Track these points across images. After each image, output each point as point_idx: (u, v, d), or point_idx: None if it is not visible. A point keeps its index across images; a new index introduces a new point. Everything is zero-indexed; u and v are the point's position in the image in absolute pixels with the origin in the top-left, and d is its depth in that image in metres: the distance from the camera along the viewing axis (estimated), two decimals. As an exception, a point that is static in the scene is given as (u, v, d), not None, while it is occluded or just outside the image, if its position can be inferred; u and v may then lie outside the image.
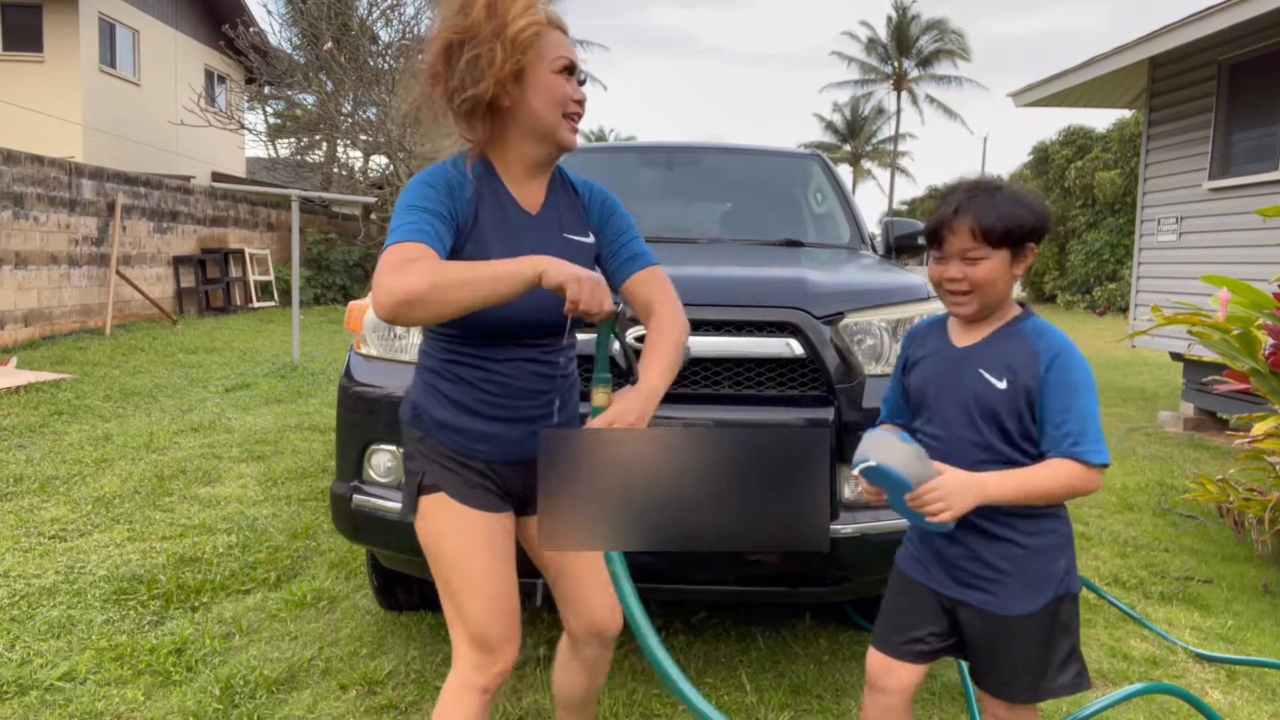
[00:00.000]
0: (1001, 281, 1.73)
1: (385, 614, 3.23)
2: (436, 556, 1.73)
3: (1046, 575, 1.72)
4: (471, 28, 1.59)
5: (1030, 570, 1.71)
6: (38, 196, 10.42)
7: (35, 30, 17.43)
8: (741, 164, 4.45)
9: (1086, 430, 1.64)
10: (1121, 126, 24.86)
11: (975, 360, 1.75)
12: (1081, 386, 1.66)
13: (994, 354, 1.74)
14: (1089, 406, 1.66)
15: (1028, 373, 1.68)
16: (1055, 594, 1.72)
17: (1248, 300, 4.27)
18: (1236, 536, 4.33)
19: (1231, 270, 6.72)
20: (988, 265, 1.71)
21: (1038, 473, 1.66)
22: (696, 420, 2.50)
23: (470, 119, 1.65)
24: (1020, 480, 1.66)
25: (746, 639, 3.08)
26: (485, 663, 1.74)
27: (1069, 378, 1.66)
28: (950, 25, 46.87)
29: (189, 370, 8.92)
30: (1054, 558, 1.73)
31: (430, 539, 1.73)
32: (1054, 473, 1.65)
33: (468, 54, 1.59)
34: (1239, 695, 2.82)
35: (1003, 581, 1.72)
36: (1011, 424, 1.70)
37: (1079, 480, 1.65)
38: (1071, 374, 1.67)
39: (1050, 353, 1.68)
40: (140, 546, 3.85)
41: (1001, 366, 1.71)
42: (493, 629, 1.73)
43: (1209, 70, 7.70)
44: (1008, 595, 1.72)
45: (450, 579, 1.73)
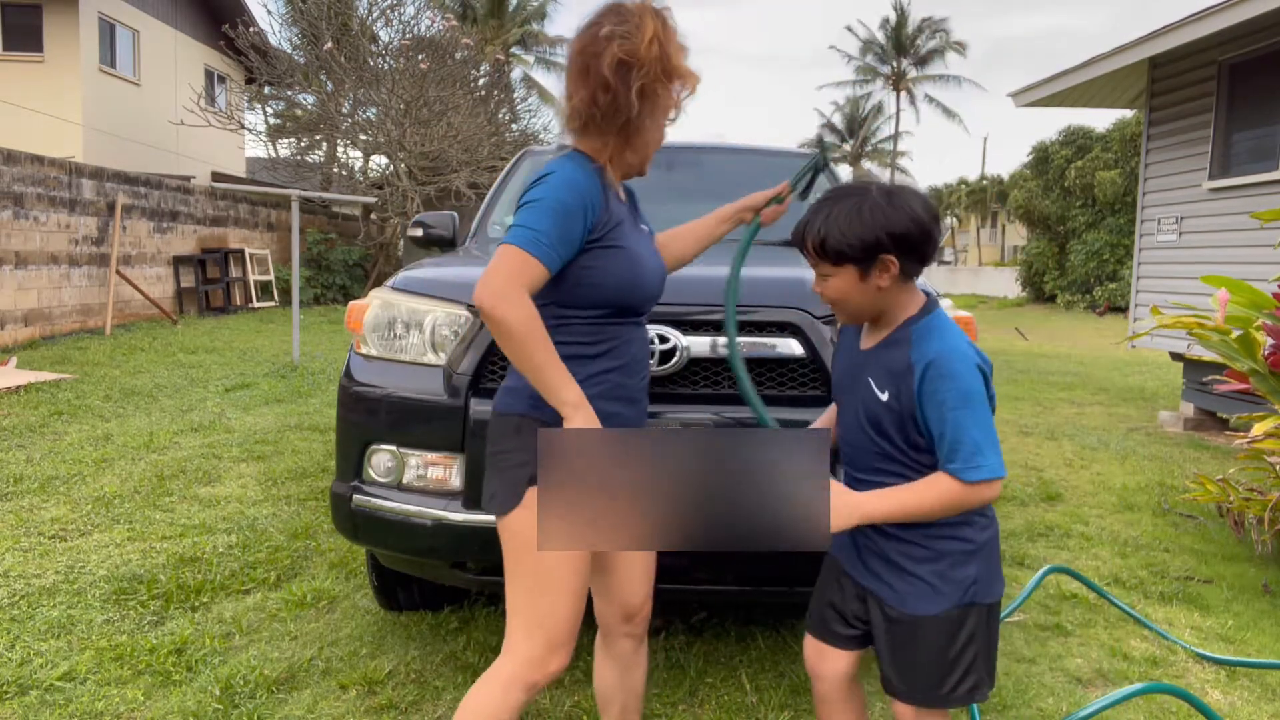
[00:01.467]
0: (856, 296, 1.68)
1: (385, 614, 3.23)
2: (541, 556, 1.73)
3: (950, 580, 1.67)
4: (640, 54, 1.69)
5: (931, 572, 1.68)
6: (38, 196, 10.42)
7: (35, 30, 17.43)
8: (742, 164, 4.45)
9: (959, 446, 1.57)
10: (1121, 126, 24.86)
11: (868, 367, 1.72)
12: (954, 400, 1.58)
13: (881, 362, 1.70)
14: (962, 420, 1.58)
15: (905, 386, 1.63)
16: (959, 601, 1.67)
17: (1247, 300, 4.26)
18: (1236, 536, 4.33)
19: (1231, 270, 6.72)
20: (834, 283, 1.69)
21: (916, 491, 1.62)
22: (696, 420, 2.50)
23: (613, 134, 1.76)
24: (898, 500, 1.63)
25: (746, 639, 3.08)
26: (546, 661, 1.76)
27: (938, 392, 1.59)
28: (940, 21, 46.87)
29: (189, 370, 8.92)
30: (960, 564, 1.67)
31: (533, 530, 1.70)
32: (934, 489, 1.61)
33: (638, 79, 1.69)
34: (1239, 695, 2.82)
35: (903, 579, 1.70)
36: (896, 435, 1.66)
37: (958, 497, 1.59)
38: (941, 387, 1.59)
39: (922, 364, 1.61)
40: (140, 546, 3.85)
41: (886, 376, 1.67)
42: (567, 629, 1.77)
43: (1209, 70, 7.70)
44: (908, 593, 1.70)
45: (548, 574, 1.74)
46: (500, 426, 1.80)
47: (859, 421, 1.72)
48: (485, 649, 2.93)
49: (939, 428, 1.60)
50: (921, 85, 48.13)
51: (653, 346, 2.52)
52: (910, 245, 1.64)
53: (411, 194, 16.71)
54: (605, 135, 1.77)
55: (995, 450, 1.59)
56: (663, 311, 2.56)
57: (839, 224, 1.63)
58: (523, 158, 4.57)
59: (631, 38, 1.69)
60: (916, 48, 47.31)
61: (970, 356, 1.64)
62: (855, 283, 1.67)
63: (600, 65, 1.69)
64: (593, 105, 1.71)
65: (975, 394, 1.60)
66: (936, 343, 1.64)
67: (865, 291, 1.68)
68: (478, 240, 3.98)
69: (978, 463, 1.58)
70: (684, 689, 2.71)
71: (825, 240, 1.65)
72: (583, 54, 1.72)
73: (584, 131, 1.77)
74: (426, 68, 16.50)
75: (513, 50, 29.15)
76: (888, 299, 1.69)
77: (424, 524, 2.51)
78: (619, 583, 2.00)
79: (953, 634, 1.68)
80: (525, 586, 1.76)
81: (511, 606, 1.78)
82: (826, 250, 1.66)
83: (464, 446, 2.52)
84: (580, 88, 1.72)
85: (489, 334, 2.56)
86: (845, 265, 1.66)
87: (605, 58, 1.69)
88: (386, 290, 2.79)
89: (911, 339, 1.66)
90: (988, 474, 1.58)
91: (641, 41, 1.69)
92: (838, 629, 1.83)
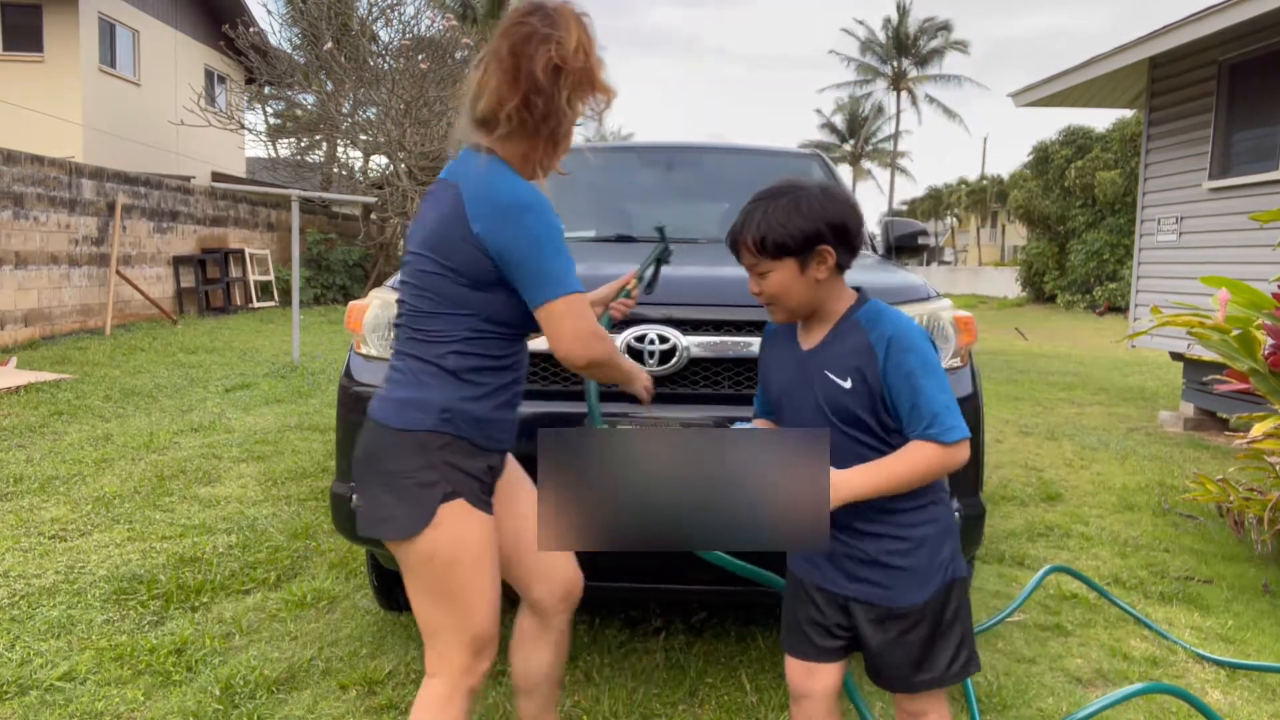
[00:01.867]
0: (796, 289, 1.73)
1: (385, 614, 3.23)
2: (453, 564, 1.70)
3: (933, 565, 1.72)
4: (570, 60, 1.67)
5: (916, 562, 1.71)
6: (38, 196, 10.42)
7: (35, 30, 17.43)
8: (741, 164, 4.45)
9: (937, 411, 1.64)
10: (1121, 126, 24.86)
11: (820, 362, 1.74)
12: (919, 370, 1.65)
13: (835, 352, 1.73)
14: (930, 388, 1.65)
15: (870, 367, 1.68)
16: (943, 580, 1.72)
17: (1247, 300, 4.26)
18: (1236, 536, 4.33)
19: (1231, 270, 6.72)
20: (775, 277, 1.73)
21: (896, 461, 1.66)
22: (696, 420, 2.50)
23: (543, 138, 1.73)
24: (878, 472, 1.66)
25: (746, 639, 3.08)
26: (478, 664, 1.77)
27: (904, 364, 1.66)
28: (941, 21, 46.88)
29: (189, 370, 8.92)
30: (938, 546, 1.73)
31: (449, 547, 1.70)
32: (913, 457, 1.66)
33: (568, 85, 1.68)
34: (1239, 695, 2.82)
35: (890, 574, 1.71)
36: (870, 419, 1.70)
37: (939, 460, 1.65)
38: (906, 360, 1.66)
39: (883, 341, 1.68)
40: (140, 546, 3.86)
41: (844, 365, 1.71)
42: (492, 626, 1.78)
43: (1209, 70, 7.70)
44: (897, 588, 1.71)
45: (465, 586, 1.73)
46: (399, 443, 1.69)
47: (824, 417, 1.73)
48: (485, 649, 2.93)
49: (910, 398, 1.66)
50: (922, 85, 48.16)
51: (653, 346, 2.52)
52: (846, 236, 1.71)
53: (411, 194, 16.70)
54: (535, 139, 1.72)
55: (958, 414, 1.67)
56: (663, 312, 2.56)
57: (778, 218, 1.69)
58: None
59: (563, 43, 1.66)
60: (918, 48, 47.33)
61: (922, 330, 1.73)
62: (795, 275, 1.72)
63: (534, 68, 1.65)
64: (525, 109, 1.67)
65: (935, 362, 1.68)
66: (891, 322, 1.71)
67: (804, 284, 1.72)
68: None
69: (950, 424, 1.65)
70: (684, 689, 2.71)
71: (766, 235, 1.69)
72: (513, 54, 1.66)
73: (512, 135, 1.70)
74: (426, 68, 16.50)
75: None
76: (824, 291, 1.75)
77: (424, 524, 2.50)
78: (550, 560, 1.98)
79: (941, 615, 1.73)
80: (443, 602, 1.73)
81: (430, 625, 1.76)
82: (766, 245, 1.70)
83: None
84: (511, 90, 1.66)
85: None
86: (785, 259, 1.71)
87: (539, 60, 1.65)
88: (386, 290, 2.79)
89: (863, 324, 1.73)
90: (960, 434, 1.65)
91: (569, 48, 1.67)
92: (823, 643, 1.80)
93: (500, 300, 1.69)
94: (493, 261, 1.65)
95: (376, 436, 1.72)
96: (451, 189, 1.69)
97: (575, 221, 4.10)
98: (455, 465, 1.70)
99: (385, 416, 1.71)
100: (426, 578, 1.72)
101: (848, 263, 1.75)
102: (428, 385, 1.69)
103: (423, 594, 1.74)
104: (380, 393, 1.75)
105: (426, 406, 1.68)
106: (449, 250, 1.67)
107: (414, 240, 1.75)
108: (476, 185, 1.67)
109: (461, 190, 1.67)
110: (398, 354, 1.76)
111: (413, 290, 1.73)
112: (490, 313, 1.70)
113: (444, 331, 1.70)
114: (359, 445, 1.76)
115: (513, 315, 1.72)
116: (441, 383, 1.69)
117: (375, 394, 1.78)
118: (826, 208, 1.70)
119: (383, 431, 1.70)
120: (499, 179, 1.68)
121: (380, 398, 1.74)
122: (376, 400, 1.75)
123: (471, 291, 1.68)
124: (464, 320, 1.69)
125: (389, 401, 1.72)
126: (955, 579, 1.74)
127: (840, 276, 1.76)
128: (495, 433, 1.76)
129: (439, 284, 1.69)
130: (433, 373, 1.70)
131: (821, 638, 1.80)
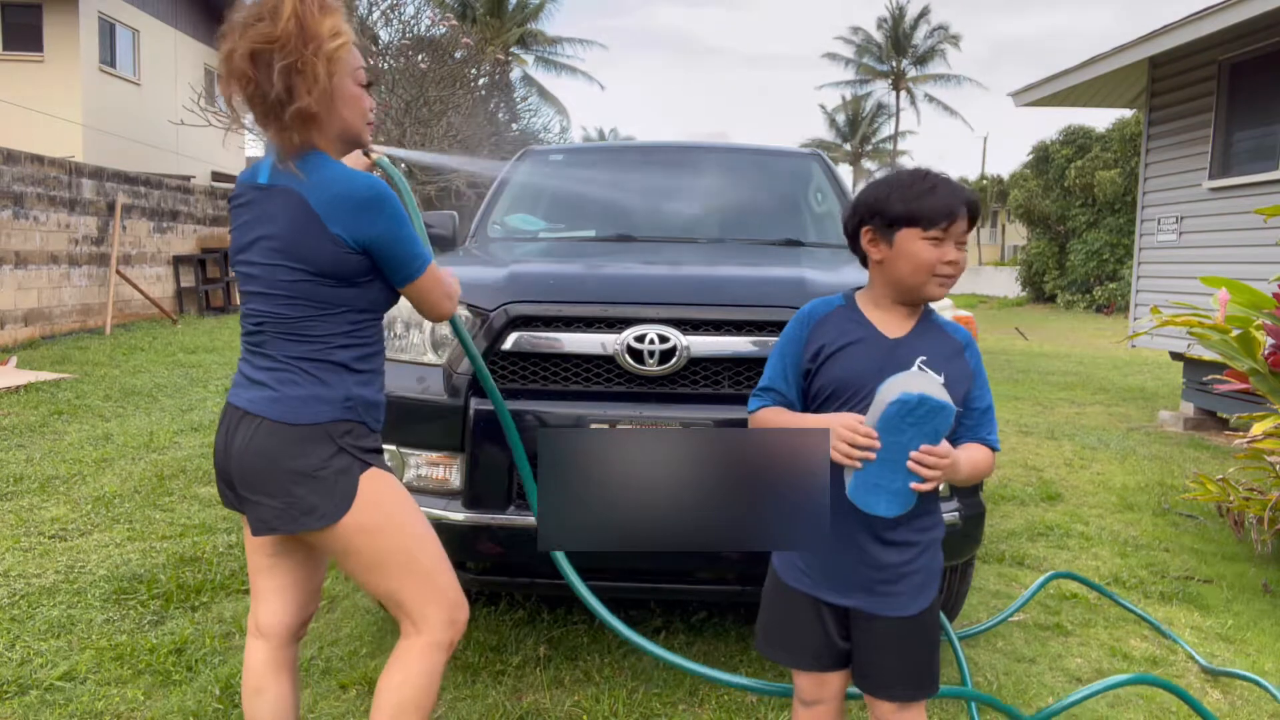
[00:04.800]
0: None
1: (385, 614, 3.22)
2: (387, 523, 1.77)
3: (932, 571, 1.74)
4: (282, 38, 1.63)
5: (922, 568, 1.72)
6: (38, 196, 10.42)
7: (35, 30, 17.42)
8: (741, 163, 4.45)
9: (993, 418, 1.73)
10: (1121, 126, 24.84)
11: (913, 351, 1.70)
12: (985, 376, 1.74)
13: (927, 345, 1.71)
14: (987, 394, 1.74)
15: (959, 366, 1.70)
16: (938, 589, 1.75)
17: (1247, 300, 4.27)
18: (1236, 536, 4.33)
19: (1231, 270, 6.71)
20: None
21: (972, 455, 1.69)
22: (697, 420, 2.50)
23: (295, 128, 1.68)
24: (968, 461, 1.68)
25: (746, 639, 3.08)
26: (457, 613, 1.85)
27: (981, 370, 1.73)
28: (938, 20, 46.93)
29: (189, 370, 8.92)
30: (936, 553, 1.75)
31: (376, 511, 1.75)
32: (976, 456, 1.70)
33: (280, 63, 1.63)
34: (1239, 695, 2.82)
35: (904, 581, 1.70)
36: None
37: (987, 465, 1.71)
38: (980, 365, 1.74)
39: (969, 344, 1.74)
40: (140, 546, 3.86)
41: (937, 358, 1.70)
42: (449, 567, 1.88)
43: (1209, 70, 7.70)
44: (907, 594, 1.70)
45: (421, 547, 1.82)
46: (305, 438, 1.70)
47: None
48: (485, 649, 2.94)
49: (982, 401, 1.71)
50: (922, 85, 48.14)
51: (653, 346, 2.52)
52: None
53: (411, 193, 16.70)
54: (292, 128, 1.68)
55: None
56: (663, 312, 2.56)
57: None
58: (523, 157, 4.57)
59: (272, 21, 1.64)
60: (915, 47, 47.31)
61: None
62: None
63: (228, 61, 1.66)
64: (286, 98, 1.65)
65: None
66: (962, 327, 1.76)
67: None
68: (478, 240, 3.98)
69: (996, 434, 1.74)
70: (684, 689, 2.71)
71: (976, 204, 1.70)
72: (248, 57, 1.65)
73: (275, 131, 1.68)
74: (426, 67, 16.50)
75: (512, 50, 29.14)
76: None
77: (424, 524, 2.51)
78: (312, 568, 1.96)
79: (933, 622, 1.75)
80: (393, 566, 1.78)
81: (393, 596, 1.80)
82: (974, 215, 1.70)
83: (464, 446, 2.52)
84: (237, 89, 1.67)
85: (488, 334, 2.56)
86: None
87: (234, 53, 1.65)
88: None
89: (942, 325, 1.75)
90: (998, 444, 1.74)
91: (280, 23, 1.63)
92: (829, 654, 1.77)
93: (372, 290, 1.77)
94: (359, 257, 1.70)
95: (274, 437, 1.70)
96: (287, 195, 1.68)
97: (576, 221, 4.11)
98: (360, 447, 1.77)
99: (283, 414, 1.70)
100: (366, 550, 1.77)
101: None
102: (324, 381, 1.73)
103: (371, 569, 1.78)
104: (261, 395, 1.72)
105: (329, 399, 1.73)
106: (308, 255, 1.68)
107: (256, 252, 1.72)
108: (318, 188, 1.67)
109: (304, 195, 1.67)
110: (272, 359, 1.73)
111: (278, 300, 1.72)
112: (364, 303, 1.77)
113: (326, 330, 1.73)
114: (244, 452, 1.72)
115: (381, 299, 1.80)
116: (338, 375, 1.74)
117: (247, 398, 1.74)
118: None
119: (282, 429, 1.70)
120: (338, 176, 1.69)
121: (267, 399, 1.71)
122: (261, 402, 1.71)
123: (343, 289, 1.72)
124: (341, 316, 1.74)
125: (284, 400, 1.71)
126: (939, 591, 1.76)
127: None
128: (379, 414, 1.85)
129: (308, 289, 1.70)
130: (326, 368, 1.73)
131: (827, 651, 1.77)
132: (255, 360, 1.76)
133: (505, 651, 2.94)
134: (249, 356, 1.78)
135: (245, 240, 1.74)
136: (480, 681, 2.74)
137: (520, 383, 2.58)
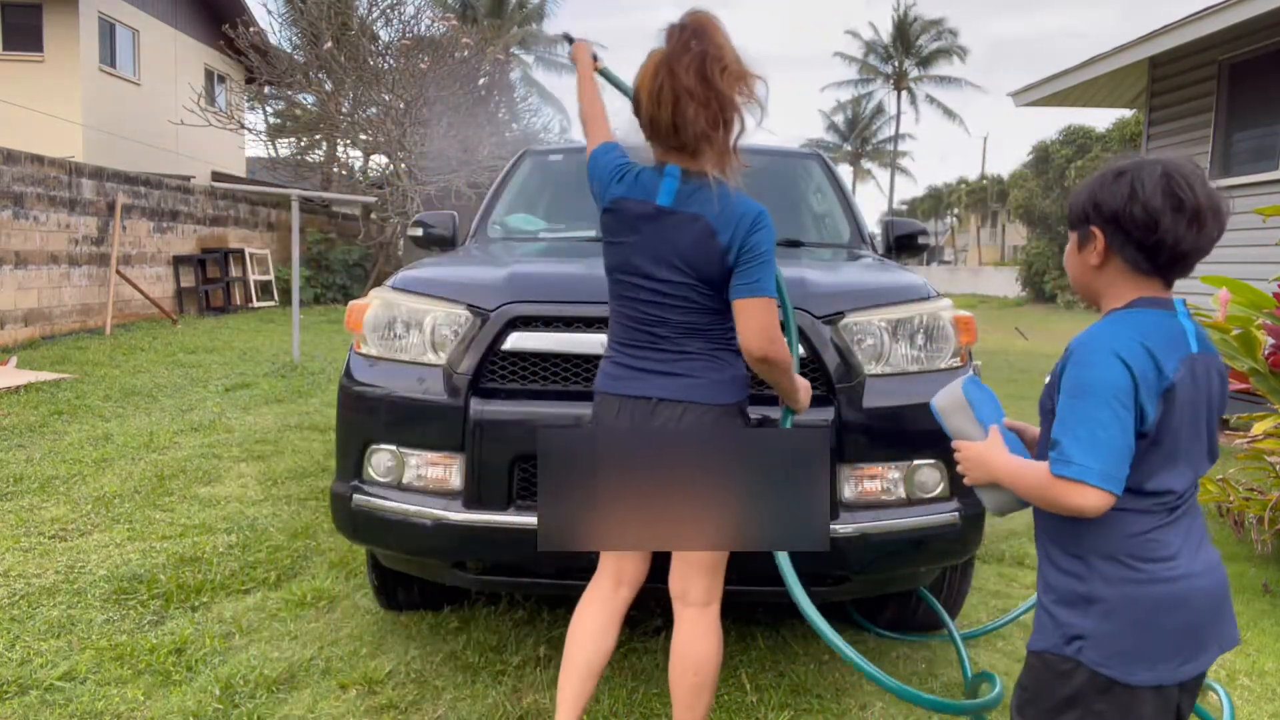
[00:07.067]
0: (1072, 267, 1.60)
1: (385, 614, 3.23)
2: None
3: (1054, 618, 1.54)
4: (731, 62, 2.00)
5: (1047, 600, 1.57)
6: (38, 196, 10.42)
7: (35, 30, 17.42)
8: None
9: (1062, 436, 1.43)
10: (1121, 126, 24.89)
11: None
12: (1070, 388, 1.45)
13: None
14: (1070, 410, 1.44)
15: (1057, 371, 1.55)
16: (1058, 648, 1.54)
17: (1247, 300, 4.26)
18: (1236, 536, 4.33)
19: (1231, 270, 6.70)
20: (1067, 247, 1.62)
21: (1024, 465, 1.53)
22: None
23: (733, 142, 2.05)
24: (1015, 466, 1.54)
25: (746, 639, 3.08)
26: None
27: (1067, 378, 1.47)
28: (947, 24, 46.98)
29: (189, 370, 8.92)
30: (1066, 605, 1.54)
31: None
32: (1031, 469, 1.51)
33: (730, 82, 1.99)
34: (1239, 695, 2.82)
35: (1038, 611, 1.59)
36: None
37: (1041, 485, 1.46)
38: (1071, 374, 1.47)
39: (1069, 350, 1.50)
40: (140, 546, 3.85)
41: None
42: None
43: (1209, 70, 7.70)
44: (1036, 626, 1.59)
45: None
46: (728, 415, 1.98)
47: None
48: (485, 648, 2.93)
49: (1058, 414, 1.47)
50: (923, 85, 48.16)
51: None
52: (1122, 226, 1.46)
53: (411, 194, 16.70)
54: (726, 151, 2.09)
55: (1095, 454, 1.40)
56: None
57: (1081, 185, 1.55)
58: (523, 157, 4.57)
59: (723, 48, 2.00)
60: (919, 48, 47.33)
61: (1117, 350, 1.43)
62: (1074, 252, 1.57)
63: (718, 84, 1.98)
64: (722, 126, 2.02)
65: (1096, 388, 1.42)
66: (1091, 331, 1.48)
67: (1079, 264, 1.56)
68: (478, 240, 3.98)
69: (1068, 457, 1.41)
70: (684, 689, 2.71)
71: (1070, 200, 1.59)
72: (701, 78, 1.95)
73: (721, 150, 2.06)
74: (426, 67, 16.50)
75: (513, 50, 29.13)
76: (1100, 282, 1.54)
77: (424, 524, 2.51)
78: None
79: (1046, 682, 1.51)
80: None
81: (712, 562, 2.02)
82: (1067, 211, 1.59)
83: (464, 446, 2.52)
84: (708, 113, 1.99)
85: (489, 334, 2.56)
86: (1072, 231, 1.58)
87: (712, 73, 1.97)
88: (386, 290, 2.79)
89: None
90: (1074, 473, 1.40)
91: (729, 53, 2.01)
92: None
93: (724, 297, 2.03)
94: (728, 260, 1.96)
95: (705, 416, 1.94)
96: (697, 221, 2.00)
97: (576, 221, 4.10)
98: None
99: (712, 397, 1.97)
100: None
101: (1135, 260, 1.48)
102: (731, 364, 2.05)
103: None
104: (676, 382, 1.96)
105: (742, 380, 2.06)
106: (702, 266, 1.99)
107: (661, 264, 2.02)
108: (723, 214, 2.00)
109: (709, 220, 1.98)
110: (684, 351, 2.01)
111: (669, 305, 2.03)
112: (722, 305, 2.03)
113: (716, 323, 2.03)
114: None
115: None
116: (735, 359, 2.05)
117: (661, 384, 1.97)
118: (1105, 188, 1.48)
119: (706, 411, 1.94)
120: (736, 201, 2.03)
121: (684, 384, 1.96)
122: (686, 385, 1.97)
123: (719, 295, 2.01)
124: (719, 315, 2.03)
125: (702, 384, 1.97)
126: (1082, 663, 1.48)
127: (1137, 273, 1.50)
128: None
129: (694, 295, 2.02)
130: (728, 354, 2.05)
131: None
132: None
133: (505, 651, 2.94)
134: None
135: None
136: (480, 681, 2.74)
137: (520, 383, 2.58)
